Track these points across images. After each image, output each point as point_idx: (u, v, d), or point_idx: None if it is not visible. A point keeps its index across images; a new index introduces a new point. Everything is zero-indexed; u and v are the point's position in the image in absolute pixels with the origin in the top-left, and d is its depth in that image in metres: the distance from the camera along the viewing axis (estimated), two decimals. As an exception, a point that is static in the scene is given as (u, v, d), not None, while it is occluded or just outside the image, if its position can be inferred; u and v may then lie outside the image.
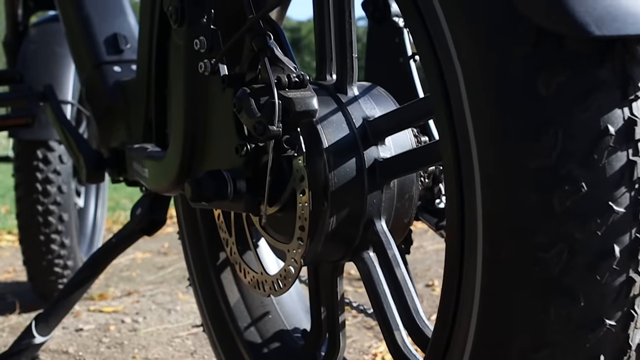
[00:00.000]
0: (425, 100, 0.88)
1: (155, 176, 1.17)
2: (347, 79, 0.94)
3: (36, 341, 1.48)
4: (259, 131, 0.81)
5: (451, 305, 0.73)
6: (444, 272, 0.74)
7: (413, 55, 1.12)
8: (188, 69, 0.99)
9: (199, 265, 1.30)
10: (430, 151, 0.89)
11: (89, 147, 1.63)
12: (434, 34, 0.69)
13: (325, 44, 0.96)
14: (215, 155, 0.98)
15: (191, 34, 0.96)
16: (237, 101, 0.84)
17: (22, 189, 2.24)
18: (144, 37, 1.44)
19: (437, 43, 0.69)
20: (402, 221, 0.95)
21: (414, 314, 0.87)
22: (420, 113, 0.90)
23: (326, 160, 0.87)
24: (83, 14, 1.77)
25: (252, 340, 1.20)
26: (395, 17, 1.13)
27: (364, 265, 0.94)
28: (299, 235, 0.88)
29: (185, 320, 2.15)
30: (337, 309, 1.03)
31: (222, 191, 0.91)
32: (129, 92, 1.62)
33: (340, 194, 0.88)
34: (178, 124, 1.03)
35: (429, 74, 0.71)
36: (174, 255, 3.38)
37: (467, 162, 0.67)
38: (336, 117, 0.91)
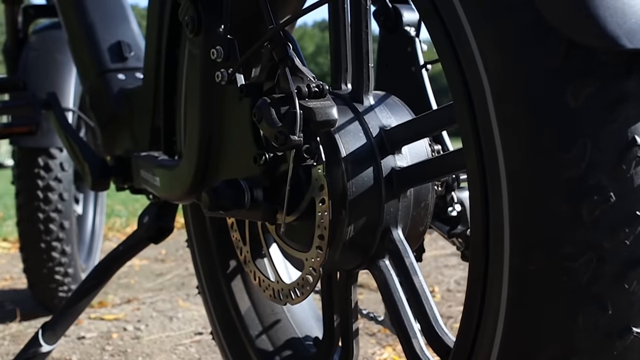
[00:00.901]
0: (442, 110, 0.88)
1: (167, 185, 1.17)
2: (363, 88, 0.94)
3: (43, 350, 1.47)
4: (280, 141, 0.81)
5: (475, 315, 0.74)
6: (468, 282, 0.74)
7: (425, 64, 1.13)
8: (204, 78, 0.99)
9: (208, 273, 1.30)
10: (448, 161, 0.89)
11: (94, 155, 1.63)
12: (458, 43, 0.70)
13: (340, 54, 0.97)
14: (231, 164, 0.98)
15: (207, 43, 0.97)
16: (258, 111, 0.85)
17: (23, 197, 2.24)
18: (151, 45, 1.45)
19: (462, 53, 0.70)
20: (417, 229, 0.95)
21: (432, 322, 0.87)
22: (437, 123, 0.90)
23: (344, 169, 0.87)
24: (86, 21, 1.77)
25: (263, 348, 1.20)
26: (407, 26, 1.14)
27: (380, 273, 0.94)
28: (317, 243, 0.88)
29: (187, 328, 2.15)
30: (351, 316, 1.03)
31: (239, 200, 0.91)
32: (134, 100, 1.62)
33: (358, 203, 0.88)
34: (193, 132, 1.03)
35: (452, 84, 0.72)
36: (171, 262, 3.37)
37: (493, 172, 0.67)
38: (353, 127, 0.91)
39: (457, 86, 0.71)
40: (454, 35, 0.71)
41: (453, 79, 0.72)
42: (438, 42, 0.73)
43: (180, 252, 3.61)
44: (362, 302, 2.35)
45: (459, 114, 0.72)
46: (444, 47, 0.72)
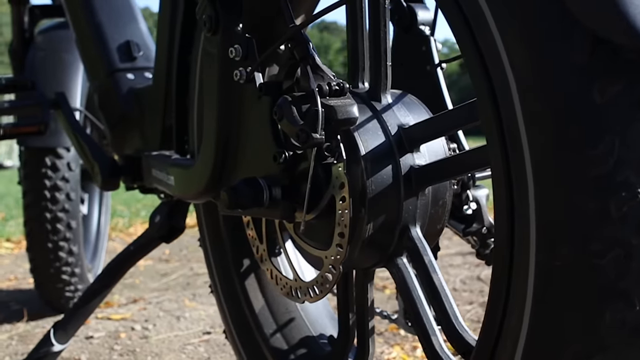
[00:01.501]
0: (461, 109, 0.89)
1: (183, 184, 1.17)
2: (381, 87, 0.94)
3: (54, 349, 1.47)
4: (302, 139, 0.82)
5: (498, 313, 0.74)
6: (491, 279, 0.75)
7: (440, 63, 1.13)
8: (221, 76, 0.99)
9: (221, 272, 1.30)
10: (466, 159, 0.90)
11: (103, 155, 1.63)
12: (482, 40, 0.70)
13: (358, 52, 0.97)
14: (249, 162, 0.98)
15: (225, 42, 0.97)
16: (279, 109, 0.85)
17: (30, 197, 2.24)
18: (162, 45, 1.45)
19: (486, 49, 0.70)
20: (435, 227, 0.96)
21: (453, 320, 0.87)
22: (456, 121, 0.90)
23: (364, 167, 0.88)
24: (95, 21, 1.77)
25: (278, 346, 1.20)
26: (422, 25, 1.14)
27: (398, 271, 0.94)
28: (337, 241, 0.88)
29: (195, 327, 2.15)
30: (367, 314, 1.04)
31: (258, 198, 0.91)
32: (144, 99, 1.62)
33: (378, 201, 0.88)
34: (210, 131, 1.03)
35: (476, 80, 0.72)
36: (175, 262, 3.38)
37: (519, 168, 0.68)
38: (372, 125, 0.91)
39: (481, 82, 0.71)
40: (477, 32, 0.71)
41: (476, 75, 0.72)
42: (461, 38, 0.73)
43: (184, 252, 3.61)
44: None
45: (482, 110, 0.72)
46: (467, 44, 0.72)
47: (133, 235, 4.40)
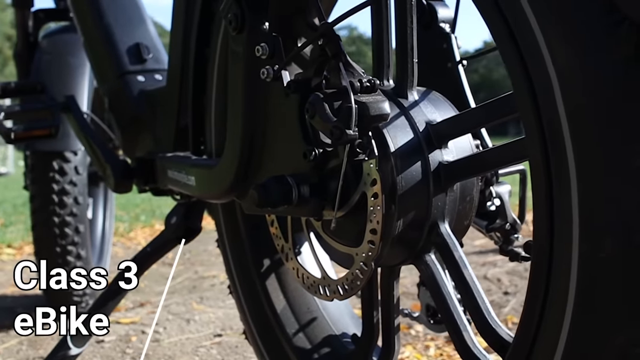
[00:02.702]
0: (488, 105, 0.89)
1: (205, 184, 1.17)
2: (408, 84, 0.94)
3: (71, 352, 1.47)
4: (336, 135, 0.82)
5: (537, 307, 0.74)
6: (530, 274, 0.75)
7: (461, 60, 1.13)
8: (247, 75, 0.99)
9: (241, 273, 1.30)
10: (494, 155, 0.90)
11: (115, 157, 1.63)
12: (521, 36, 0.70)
13: (383, 49, 0.97)
14: (276, 160, 0.98)
15: (251, 40, 0.97)
16: (310, 106, 0.85)
17: (38, 201, 2.23)
18: (176, 46, 1.45)
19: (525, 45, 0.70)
20: (463, 223, 0.96)
21: (486, 315, 0.87)
22: (484, 118, 0.90)
23: (393, 163, 0.88)
24: (103, 24, 1.77)
25: (301, 346, 1.20)
26: (442, 23, 1.15)
27: (427, 267, 0.94)
28: (369, 238, 0.88)
29: (206, 330, 2.15)
30: (392, 312, 1.03)
31: (287, 196, 0.91)
32: (156, 101, 1.62)
33: (408, 197, 0.88)
34: (235, 130, 1.03)
35: (514, 76, 0.72)
36: (179, 265, 3.37)
37: (560, 161, 0.68)
38: (400, 121, 0.91)
39: (520, 78, 0.71)
40: (515, 28, 0.71)
41: (515, 71, 0.72)
42: (498, 34, 0.73)
43: (187, 256, 3.61)
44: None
45: (521, 105, 0.72)
46: (505, 40, 0.72)
47: (134, 239, 4.39)
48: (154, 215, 5.49)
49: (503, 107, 0.87)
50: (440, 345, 1.93)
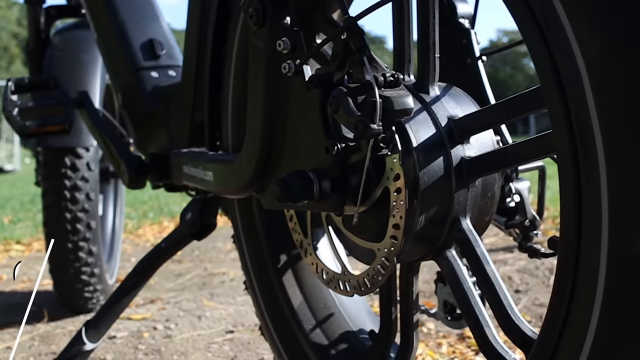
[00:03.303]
0: (511, 100, 0.88)
1: (223, 179, 1.17)
2: (430, 79, 0.94)
3: (86, 348, 1.47)
4: (360, 130, 0.81)
5: (564, 303, 0.73)
6: (556, 270, 0.74)
7: (481, 55, 1.13)
8: (268, 70, 0.99)
9: (257, 269, 1.30)
10: (516, 151, 0.89)
11: (130, 153, 1.63)
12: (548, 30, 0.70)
13: (404, 45, 0.96)
14: (297, 155, 0.98)
15: (272, 35, 0.97)
16: (334, 100, 0.85)
17: (50, 197, 2.23)
18: (191, 42, 1.45)
19: (553, 39, 0.69)
20: (484, 219, 0.95)
21: (508, 311, 0.87)
22: (506, 113, 0.90)
23: (416, 158, 0.87)
24: (117, 20, 1.77)
25: (318, 342, 1.20)
26: (461, 18, 1.14)
27: (448, 263, 0.94)
28: (392, 233, 0.88)
29: (217, 327, 2.14)
30: (412, 308, 1.03)
31: (309, 191, 0.91)
32: (170, 97, 1.62)
33: (430, 192, 0.88)
34: (255, 125, 1.03)
35: (541, 70, 0.72)
36: (188, 263, 3.37)
37: (589, 156, 0.67)
38: (422, 116, 0.91)
39: (548, 71, 0.71)
40: (543, 20, 0.71)
41: (542, 64, 0.71)
42: (525, 28, 0.73)
43: (196, 253, 3.61)
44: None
45: (549, 98, 0.72)
46: (533, 33, 0.72)
47: (142, 236, 4.39)
48: (162, 213, 5.50)
49: (526, 102, 0.87)
50: (452, 343, 1.93)
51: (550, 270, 2.69)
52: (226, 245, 3.81)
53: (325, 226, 1.03)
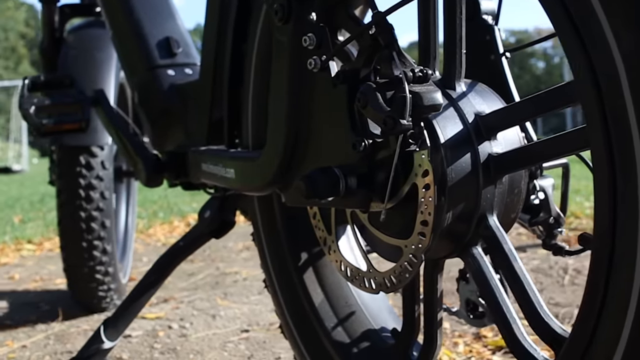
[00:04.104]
0: (538, 97, 0.88)
1: (246, 176, 1.16)
2: (455, 75, 0.93)
3: (105, 346, 1.47)
4: (389, 125, 0.81)
5: (597, 301, 0.73)
6: (590, 268, 0.74)
7: (504, 52, 1.12)
8: (293, 66, 0.98)
9: (277, 266, 1.29)
10: (543, 147, 0.88)
11: (147, 151, 1.63)
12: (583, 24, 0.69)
13: (430, 41, 0.96)
14: (322, 152, 0.98)
15: (298, 31, 0.96)
16: (362, 96, 0.84)
17: (65, 196, 2.23)
18: (210, 39, 1.44)
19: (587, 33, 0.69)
20: (510, 216, 0.95)
21: (538, 308, 0.86)
22: (534, 110, 0.89)
23: (443, 154, 0.87)
24: (133, 18, 1.77)
25: (340, 340, 1.19)
26: (485, 14, 1.14)
27: (474, 260, 0.93)
28: (420, 230, 0.87)
29: (232, 326, 2.14)
30: (435, 306, 1.02)
31: (335, 188, 0.90)
32: (188, 94, 1.62)
33: (457, 189, 0.87)
34: (279, 122, 1.02)
35: (575, 64, 0.71)
36: (200, 262, 3.37)
37: (625, 151, 0.67)
38: (449, 113, 0.91)
39: (582, 66, 0.70)
40: (577, 15, 0.70)
41: (576, 58, 0.71)
42: (559, 22, 0.72)
43: (207, 253, 3.61)
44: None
45: (584, 94, 0.71)
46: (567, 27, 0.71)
47: (153, 236, 4.40)
48: (172, 212, 5.50)
49: (553, 99, 0.86)
50: (468, 342, 1.92)
51: (564, 269, 2.68)
52: (237, 245, 3.81)
53: (351, 223, 1.03)
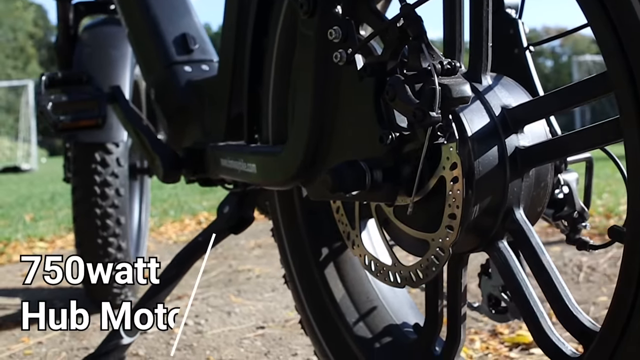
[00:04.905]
0: (565, 90, 0.87)
1: (268, 170, 1.16)
2: (482, 68, 0.93)
3: (124, 342, 1.47)
4: (418, 118, 0.80)
5: (630, 294, 0.72)
6: (622, 259, 0.73)
7: (528, 46, 1.12)
8: (319, 59, 0.98)
9: (298, 262, 1.29)
10: (573, 140, 0.88)
11: (165, 147, 1.62)
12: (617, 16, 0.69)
13: (455, 34, 0.95)
14: (347, 145, 0.97)
15: (324, 24, 0.96)
16: (391, 88, 0.84)
17: (80, 193, 2.23)
18: (229, 35, 1.44)
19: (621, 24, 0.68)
20: (536, 210, 0.94)
21: (566, 302, 0.85)
22: (561, 103, 0.89)
23: (471, 147, 0.86)
24: (149, 15, 1.77)
25: (362, 335, 1.19)
26: (508, 8, 1.13)
27: (500, 254, 0.93)
28: (448, 223, 0.87)
29: (248, 322, 2.14)
30: (459, 301, 1.02)
31: (361, 181, 0.90)
32: (205, 90, 1.62)
33: (485, 182, 0.87)
34: (304, 115, 1.02)
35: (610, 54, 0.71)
36: (212, 260, 3.37)
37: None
38: (476, 106, 0.90)
39: (615, 57, 0.70)
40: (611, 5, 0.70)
41: (610, 49, 0.70)
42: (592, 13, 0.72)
43: (219, 250, 3.61)
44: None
45: (617, 85, 0.71)
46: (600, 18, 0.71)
47: (164, 234, 4.40)
48: (182, 210, 5.51)
49: (580, 92, 0.85)
50: (485, 339, 1.92)
51: (579, 266, 2.67)
52: (249, 242, 3.81)
53: (375, 217, 1.02)
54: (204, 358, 1.83)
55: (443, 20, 0.96)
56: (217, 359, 1.82)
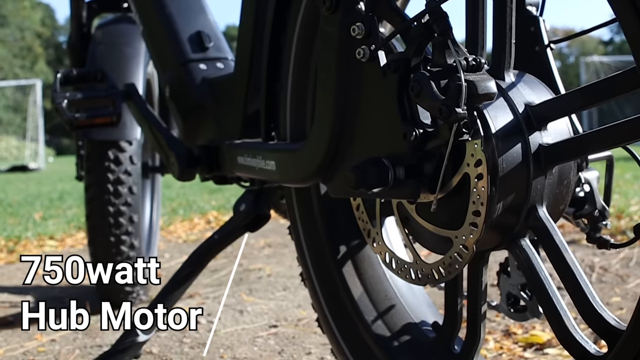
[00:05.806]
0: (588, 88, 0.87)
1: (288, 167, 1.16)
2: (505, 65, 0.93)
3: (140, 339, 1.47)
4: (444, 114, 0.80)
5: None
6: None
7: (549, 43, 1.11)
8: (341, 56, 0.98)
9: (315, 260, 1.29)
10: (596, 138, 0.88)
11: (180, 145, 1.62)
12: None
13: (477, 30, 0.95)
14: (370, 142, 0.97)
15: (346, 20, 0.96)
16: (416, 85, 0.83)
17: (93, 190, 2.23)
18: (245, 33, 1.44)
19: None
20: (558, 207, 0.94)
21: (590, 300, 0.85)
22: (584, 100, 0.88)
23: (495, 144, 0.86)
24: (164, 13, 1.77)
25: (380, 333, 1.18)
26: (529, 5, 1.12)
27: (522, 252, 0.92)
28: (472, 220, 0.87)
29: (260, 321, 2.14)
30: (480, 299, 1.02)
31: (384, 178, 0.90)
32: (221, 88, 1.62)
33: (508, 179, 0.87)
34: (326, 112, 1.02)
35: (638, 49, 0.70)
36: (222, 259, 3.37)
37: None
38: (499, 102, 0.90)
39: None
40: None
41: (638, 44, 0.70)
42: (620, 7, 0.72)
43: (229, 249, 3.60)
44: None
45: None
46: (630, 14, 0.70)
47: (174, 233, 4.41)
48: (191, 209, 5.51)
49: (607, 88, 0.85)
50: (498, 339, 1.91)
51: (591, 267, 2.66)
52: (259, 242, 3.81)
53: (397, 214, 1.02)
54: (218, 356, 1.83)
55: (465, 17, 0.96)
56: (231, 357, 1.82)
